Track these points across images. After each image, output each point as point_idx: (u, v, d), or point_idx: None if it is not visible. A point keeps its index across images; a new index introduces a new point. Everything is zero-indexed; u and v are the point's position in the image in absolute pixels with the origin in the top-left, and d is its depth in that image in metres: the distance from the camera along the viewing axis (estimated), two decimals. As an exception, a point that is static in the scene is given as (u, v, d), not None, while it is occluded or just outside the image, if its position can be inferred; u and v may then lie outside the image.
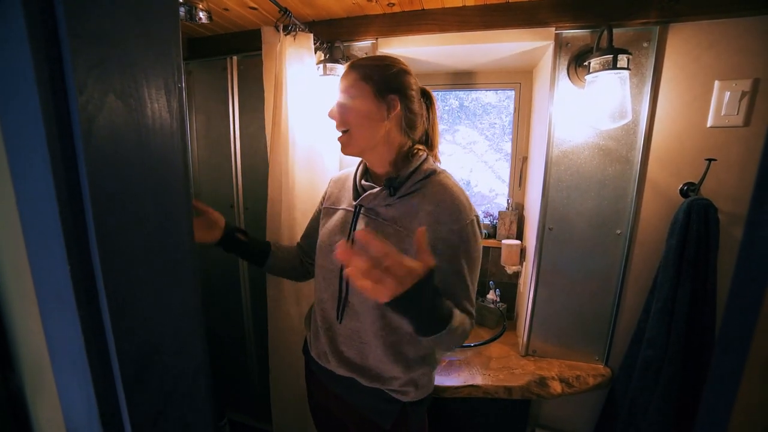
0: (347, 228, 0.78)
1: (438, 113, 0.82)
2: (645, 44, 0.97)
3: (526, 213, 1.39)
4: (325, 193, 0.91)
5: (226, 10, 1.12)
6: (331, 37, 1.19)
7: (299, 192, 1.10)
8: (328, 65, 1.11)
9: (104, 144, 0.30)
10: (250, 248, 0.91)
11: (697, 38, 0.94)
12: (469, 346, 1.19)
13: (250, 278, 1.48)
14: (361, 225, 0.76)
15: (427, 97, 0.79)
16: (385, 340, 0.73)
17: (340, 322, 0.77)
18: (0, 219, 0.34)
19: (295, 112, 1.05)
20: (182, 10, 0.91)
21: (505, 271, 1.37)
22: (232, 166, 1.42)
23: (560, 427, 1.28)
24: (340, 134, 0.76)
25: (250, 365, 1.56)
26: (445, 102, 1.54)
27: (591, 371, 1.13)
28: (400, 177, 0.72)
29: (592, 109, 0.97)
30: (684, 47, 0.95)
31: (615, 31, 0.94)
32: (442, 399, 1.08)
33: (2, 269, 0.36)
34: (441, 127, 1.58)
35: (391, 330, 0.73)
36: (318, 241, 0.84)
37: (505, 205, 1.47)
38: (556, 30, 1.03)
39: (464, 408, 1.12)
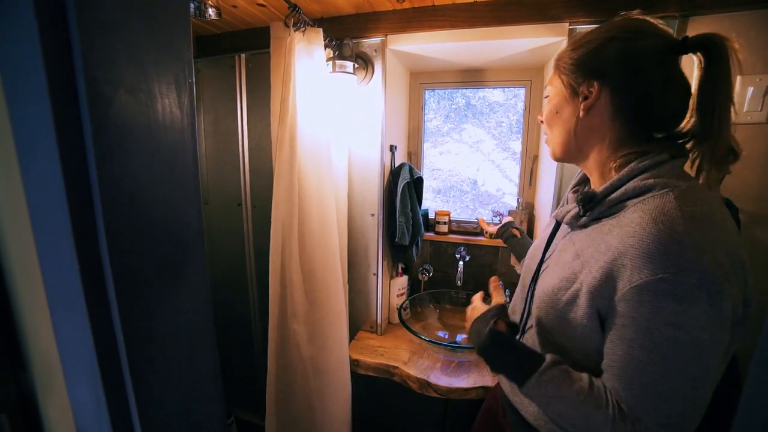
0: (545, 241, 0.67)
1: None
2: (662, 39, 0.94)
3: (536, 212, 1.36)
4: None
5: (235, 7, 1.12)
6: (340, 34, 1.17)
7: (306, 192, 1.07)
8: (338, 62, 1.10)
9: (114, 139, 0.30)
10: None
11: (718, 31, 0.90)
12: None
13: (257, 276, 1.49)
14: (555, 242, 0.65)
15: (705, 49, 0.50)
16: None
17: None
18: (10, 219, 0.34)
19: (304, 109, 1.03)
20: (191, 6, 0.90)
21: (515, 271, 1.34)
22: (239, 165, 1.42)
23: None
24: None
25: (257, 363, 1.56)
26: (452, 100, 1.53)
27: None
28: (597, 193, 0.54)
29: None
30: (704, 42, 0.92)
31: (631, 25, 0.91)
32: (451, 401, 1.06)
33: (13, 269, 0.36)
34: (447, 126, 1.56)
35: None
36: None
37: (514, 204, 1.45)
38: (569, 25, 1.01)
39: (474, 410, 1.10)
